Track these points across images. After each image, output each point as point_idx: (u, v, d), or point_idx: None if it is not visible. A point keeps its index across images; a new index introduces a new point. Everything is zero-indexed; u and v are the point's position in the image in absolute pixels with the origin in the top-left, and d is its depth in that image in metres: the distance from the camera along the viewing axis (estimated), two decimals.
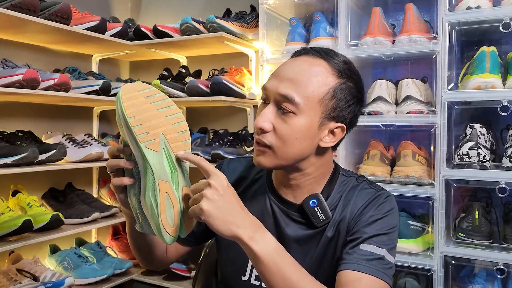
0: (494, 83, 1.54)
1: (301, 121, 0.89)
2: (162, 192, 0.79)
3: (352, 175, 1.05)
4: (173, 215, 0.80)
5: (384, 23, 1.77)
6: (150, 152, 0.80)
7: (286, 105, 0.89)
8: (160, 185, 0.79)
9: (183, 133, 0.84)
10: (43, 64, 2.17)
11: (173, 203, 0.80)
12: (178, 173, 0.82)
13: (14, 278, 1.77)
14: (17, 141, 1.80)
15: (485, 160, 1.55)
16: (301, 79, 0.90)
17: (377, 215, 0.95)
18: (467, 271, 1.69)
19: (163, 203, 0.79)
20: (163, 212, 0.79)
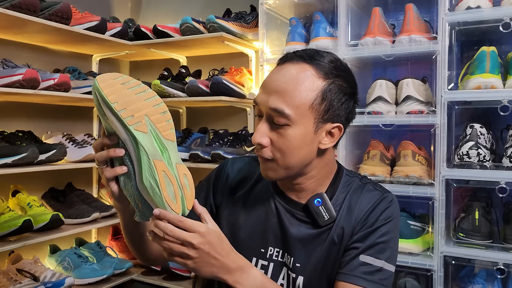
0: (494, 83, 1.54)
1: (296, 131, 0.90)
2: (159, 171, 0.80)
3: (355, 175, 1.06)
4: (174, 192, 0.81)
5: (384, 23, 1.77)
6: (140, 134, 0.81)
7: (278, 119, 0.89)
8: (156, 164, 0.80)
9: (165, 114, 0.86)
10: (43, 64, 2.17)
11: (171, 180, 0.81)
12: (169, 152, 0.84)
13: (14, 278, 1.77)
14: (17, 141, 1.80)
15: (485, 160, 1.55)
16: (288, 89, 0.89)
17: (380, 222, 0.95)
18: (467, 271, 1.69)
19: (162, 181, 0.80)
20: (164, 190, 0.80)
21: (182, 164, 0.85)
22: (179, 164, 0.84)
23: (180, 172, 0.84)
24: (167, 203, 0.80)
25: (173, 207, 0.81)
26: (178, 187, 0.82)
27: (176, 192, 0.82)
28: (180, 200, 0.82)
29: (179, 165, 0.84)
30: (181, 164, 0.85)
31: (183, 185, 0.83)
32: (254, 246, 1.01)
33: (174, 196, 0.81)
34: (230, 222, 1.05)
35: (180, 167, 0.84)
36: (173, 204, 0.81)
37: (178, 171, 0.83)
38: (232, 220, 1.05)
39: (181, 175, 0.83)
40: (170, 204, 0.80)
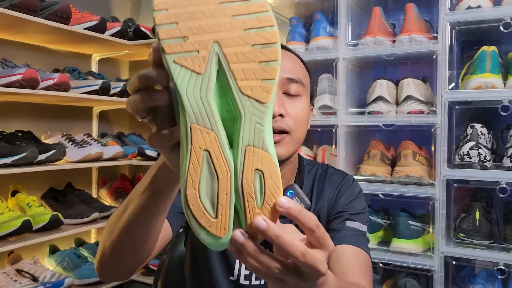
0: (494, 83, 1.54)
1: (304, 103, 0.95)
2: (195, 148, 0.48)
3: (315, 163, 1.10)
4: (215, 196, 0.49)
5: (384, 22, 1.77)
6: (182, 72, 0.48)
7: (296, 88, 0.93)
8: (194, 134, 0.48)
9: (265, 47, 0.50)
10: (42, 64, 2.17)
11: (217, 174, 0.49)
12: (243, 121, 0.49)
13: (14, 278, 1.77)
14: (16, 141, 1.79)
15: (485, 160, 1.55)
16: (294, 65, 0.96)
17: (352, 196, 1.02)
18: (468, 271, 1.68)
19: (195, 168, 0.48)
20: (192, 185, 0.48)
21: (267, 153, 0.50)
22: (256, 149, 0.49)
23: (251, 164, 0.49)
24: (190, 209, 0.49)
25: (202, 221, 0.49)
26: (229, 191, 0.49)
27: (220, 198, 0.49)
28: (228, 216, 0.49)
29: (255, 150, 0.49)
30: (261, 151, 0.50)
31: (245, 193, 0.49)
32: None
33: (212, 203, 0.49)
34: None
35: (256, 155, 0.49)
36: (204, 217, 0.49)
37: (246, 163, 0.49)
38: None
39: (250, 171, 0.49)
40: (195, 213, 0.49)
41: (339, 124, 1.76)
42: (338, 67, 1.78)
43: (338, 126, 1.77)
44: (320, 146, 1.91)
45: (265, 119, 0.50)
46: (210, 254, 1.01)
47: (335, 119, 1.78)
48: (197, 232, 0.50)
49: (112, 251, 0.76)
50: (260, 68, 0.50)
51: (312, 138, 1.99)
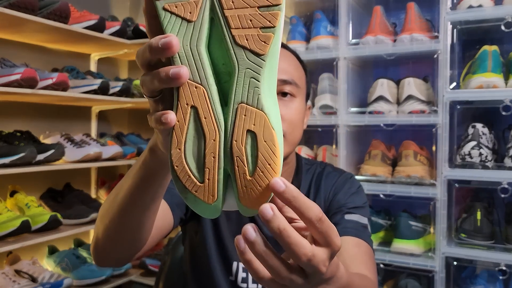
0: (496, 83, 1.53)
1: (298, 104, 0.94)
2: (182, 104, 0.45)
3: (314, 162, 1.09)
4: (202, 158, 0.45)
5: (385, 21, 1.76)
6: (172, 20, 0.45)
7: (289, 90, 0.93)
8: (182, 88, 0.45)
9: (268, 9, 0.44)
10: (41, 64, 2.16)
11: (204, 133, 0.45)
12: (237, 76, 0.45)
13: (13, 279, 1.76)
14: (15, 141, 1.78)
15: (487, 160, 1.54)
16: (288, 64, 0.95)
17: (351, 191, 1.00)
18: (469, 272, 1.68)
19: (181, 126, 0.45)
20: (177, 144, 0.45)
21: (261, 112, 0.44)
22: (249, 108, 0.44)
23: (242, 124, 0.44)
24: (176, 171, 0.46)
25: (187, 184, 0.46)
26: (217, 152, 0.45)
27: (207, 160, 0.45)
28: (217, 180, 0.45)
29: (248, 108, 0.44)
30: (255, 109, 0.44)
31: (235, 156, 0.44)
32: (232, 250, 0.99)
33: (198, 165, 0.46)
34: (215, 226, 1.01)
35: (249, 114, 0.44)
36: (189, 180, 0.45)
37: (236, 122, 0.44)
38: (217, 225, 1.01)
39: (241, 132, 0.44)
40: (180, 175, 0.46)
41: (339, 124, 1.76)
42: (338, 66, 1.77)
43: (338, 126, 1.76)
44: (321, 146, 1.90)
45: (262, 74, 0.44)
46: (210, 252, 1.00)
47: (336, 119, 1.77)
48: (184, 196, 0.47)
49: (105, 237, 0.73)
50: (259, 14, 0.44)
51: (313, 138, 1.98)
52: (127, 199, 0.66)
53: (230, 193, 0.47)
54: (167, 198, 0.90)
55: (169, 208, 0.90)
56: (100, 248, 0.75)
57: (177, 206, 0.93)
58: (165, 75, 0.44)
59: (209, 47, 0.46)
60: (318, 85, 1.86)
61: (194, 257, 1.04)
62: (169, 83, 0.45)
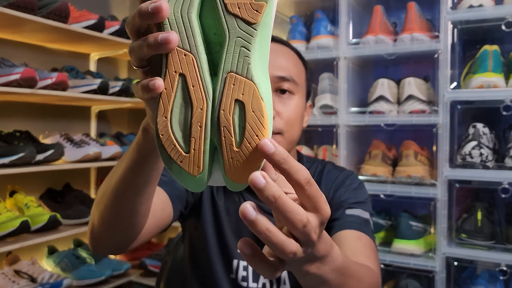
0: (496, 82, 1.53)
1: (297, 101, 0.94)
2: (170, 71, 0.44)
3: (315, 160, 1.08)
4: (188, 127, 0.44)
5: (385, 21, 1.76)
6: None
7: (288, 87, 0.92)
8: (171, 55, 0.44)
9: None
10: (40, 63, 2.15)
11: (192, 102, 0.44)
12: (227, 45, 0.44)
13: (12, 279, 1.76)
14: (14, 141, 1.78)
15: (487, 160, 1.54)
16: (287, 61, 0.94)
17: (352, 186, 0.99)
18: (469, 272, 1.67)
19: (168, 93, 0.44)
20: (163, 112, 0.44)
21: (250, 81, 0.43)
22: (238, 77, 0.43)
23: (231, 93, 0.43)
24: (162, 142, 0.45)
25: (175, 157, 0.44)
26: (204, 123, 0.44)
27: (194, 131, 0.44)
28: (203, 152, 0.44)
29: (237, 78, 0.43)
30: (244, 79, 0.43)
31: (222, 126, 0.43)
32: (233, 247, 0.98)
33: (184, 135, 0.45)
34: (215, 222, 1.00)
35: (237, 83, 0.43)
36: (176, 151, 0.44)
37: (225, 91, 0.43)
38: (217, 221, 1.01)
39: (229, 101, 0.43)
40: (167, 147, 0.45)
41: (340, 124, 1.75)
42: (339, 66, 1.77)
43: (339, 126, 1.75)
44: (321, 146, 1.90)
45: (253, 44, 0.43)
46: (210, 249, 0.98)
47: (336, 119, 1.76)
48: (169, 167, 0.45)
49: (100, 223, 0.73)
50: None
51: (313, 138, 1.98)
52: (121, 183, 0.65)
53: (217, 167, 0.46)
54: (168, 190, 0.90)
55: (169, 200, 0.90)
56: (95, 234, 0.75)
57: (178, 199, 0.93)
58: (153, 40, 0.43)
59: (201, 16, 0.45)
60: (318, 85, 1.85)
61: (194, 254, 1.03)
62: (158, 49, 0.43)
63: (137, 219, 0.72)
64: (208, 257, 0.99)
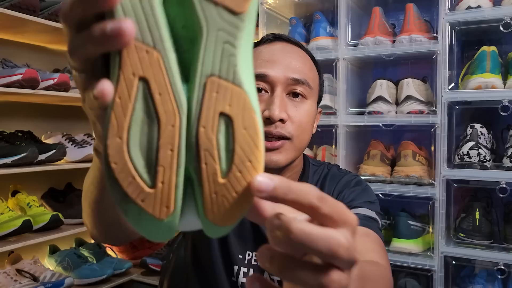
0: (494, 83, 1.54)
1: (309, 106, 0.89)
2: (126, 74, 0.32)
3: (321, 163, 1.05)
4: (153, 152, 0.32)
5: (384, 22, 1.77)
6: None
7: (301, 90, 0.87)
8: (126, 53, 0.32)
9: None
10: (42, 64, 2.17)
11: (159, 116, 0.32)
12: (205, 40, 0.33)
13: (14, 278, 1.77)
14: (16, 141, 1.79)
15: (485, 160, 1.55)
16: (303, 64, 0.90)
17: (358, 188, 0.95)
18: (468, 271, 1.68)
19: (124, 105, 0.32)
20: (117, 131, 0.32)
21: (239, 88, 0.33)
22: (222, 82, 0.33)
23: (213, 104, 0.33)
24: (112, 173, 0.32)
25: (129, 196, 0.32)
26: (176, 149, 0.32)
27: (162, 159, 0.32)
28: (168, 188, 0.32)
29: (221, 83, 0.33)
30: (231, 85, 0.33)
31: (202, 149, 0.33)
32: (235, 252, 0.95)
33: (147, 167, 0.32)
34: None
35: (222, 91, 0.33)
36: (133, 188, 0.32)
37: (205, 102, 0.33)
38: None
39: (211, 115, 0.33)
40: (120, 177, 0.32)
41: (339, 124, 1.76)
42: (338, 67, 1.78)
43: (338, 126, 1.77)
44: (320, 146, 1.91)
45: (239, 39, 0.33)
46: (212, 247, 0.95)
47: (335, 119, 1.77)
48: (123, 208, 0.32)
49: (88, 221, 0.69)
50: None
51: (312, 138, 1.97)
52: (93, 197, 0.59)
53: (190, 205, 0.34)
54: None
55: None
56: (89, 228, 0.72)
57: None
58: (101, 32, 0.31)
59: (164, 5, 0.33)
60: None
61: (196, 254, 1.01)
62: (108, 45, 0.32)
63: (122, 222, 0.64)
64: (211, 259, 0.97)
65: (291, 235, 0.31)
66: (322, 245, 0.31)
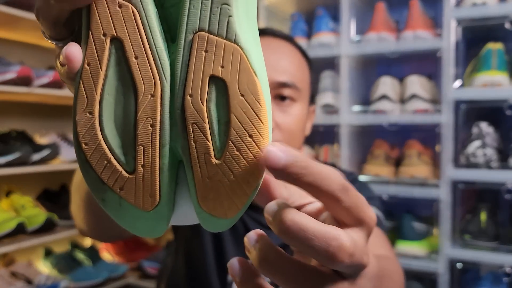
0: (500, 81, 1.51)
1: (300, 107, 0.84)
2: (96, 34, 0.27)
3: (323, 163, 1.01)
4: (131, 128, 0.27)
5: (388, 18, 1.74)
6: None
7: (289, 94, 0.81)
8: (96, 9, 0.27)
9: None
10: (37, 61, 2.13)
11: (136, 84, 0.27)
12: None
13: (8, 281, 1.73)
14: (10, 140, 1.76)
15: (491, 160, 1.52)
16: (290, 62, 0.84)
17: (357, 185, 0.91)
18: (473, 274, 1.65)
19: (94, 71, 0.27)
20: (86, 105, 0.27)
21: (235, 45, 0.26)
22: (212, 38, 0.27)
23: (202, 65, 0.27)
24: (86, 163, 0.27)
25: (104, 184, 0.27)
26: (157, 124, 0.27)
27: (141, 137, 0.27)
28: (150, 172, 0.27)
29: (210, 39, 0.27)
30: (224, 41, 0.27)
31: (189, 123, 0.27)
32: (227, 261, 0.91)
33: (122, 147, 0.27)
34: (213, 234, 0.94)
35: (213, 49, 0.27)
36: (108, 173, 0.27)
37: (192, 62, 0.27)
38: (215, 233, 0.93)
39: (199, 79, 0.27)
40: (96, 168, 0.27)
41: (341, 123, 1.72)
42: (340, 64, 1.74)
43: (340, 125, 1.73)
44: (322, 146, 1.87)
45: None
46: (206, 253, 0.91)
47: (338, 118, 1.73)
48: (100, 198, 0.27)
49: (78, 215, 0.67)
50: None
51: (314, 138, 1.95)
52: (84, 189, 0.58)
53: (183, 194, 0.28)
54: None
55: None
56: (77, 224, 0.71)
57: None
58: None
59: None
60: (320, 83, 1.83)
61: (189, 260, 0.96)
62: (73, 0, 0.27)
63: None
64: (204, 267, 0.92)
65: (283, 226, 0.26)
66: (319, 245, 0.26)
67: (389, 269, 0.57)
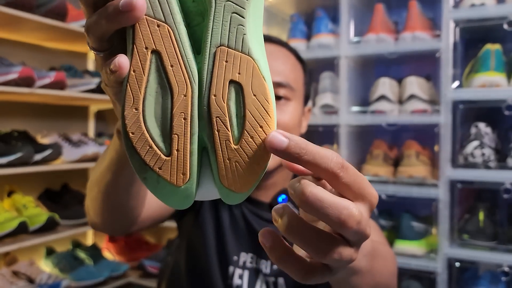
0: (498, 82, 1.52)
1: (295, 106, 0.89)
2: (139, 48, 0.34)
3: None
4: (168, 121, 0.34)
5: (387, 19, 1.75)
6: None
7: (283, 93, 0.87)
8: (139, 28, 0.34)
9: None
10: (38, 62, 2.14)
11: (171, 87, 0.34)
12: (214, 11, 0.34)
13: (10, 280, 1.74)
14: (12, 141, 1.77)
15: (489, 160, 1.53)
16: (284, 64, 0.89)
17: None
18: (471, 273, 1.66)
19: (139, 77, 0.34)
20: (132, 102, 0.34)
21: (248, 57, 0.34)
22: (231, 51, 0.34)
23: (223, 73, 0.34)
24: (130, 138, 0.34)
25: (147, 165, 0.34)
26: (189, 117, 0.34)
27: (176, 127, 0.34)
28: (183, 155, 0.34)
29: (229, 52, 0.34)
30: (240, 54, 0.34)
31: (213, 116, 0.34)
32: (228, 254, 0.93)
33: (162, 136, 0.35)
34: (215, 226, 0.96)
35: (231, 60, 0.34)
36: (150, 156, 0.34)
37: (215, 71, 0.34)
38: (217, 225, 0.96)
39: (221, 83, 0.34)
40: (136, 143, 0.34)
41: (341, 124, 1.74)
42: (340, 65, 1.75)
43: (340, 126, 1.74)
44: (322, 146, 1.88)
45: (248, 8, 0.34)
46: (208, 246, 0.93)
47: (337, 118, 1.75)
48: (143, 176, 0.34)
49: (93, 208, 0.72)
50: None
51: (313, 138, 1.96)
52: (105, 181, 0.63)
53: (207, 174, 0.36)
54: None
55: None
56: (91, 217, 0.76)
57: None
58: (113, 9, 0.33)
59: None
60: (319, 84, 1.84)
61: (191, 254, 0.99)
62: (120, 20, 0.34)
63: (128, 209, 0.70)
64: (207, 259, 0.95)
65: (303, 197, 0.32)
66: (332, 213, 0.32)
67: (382, 252, 0.60)
